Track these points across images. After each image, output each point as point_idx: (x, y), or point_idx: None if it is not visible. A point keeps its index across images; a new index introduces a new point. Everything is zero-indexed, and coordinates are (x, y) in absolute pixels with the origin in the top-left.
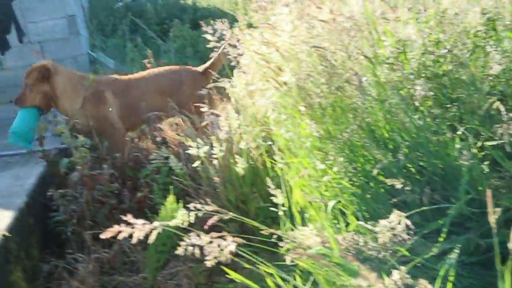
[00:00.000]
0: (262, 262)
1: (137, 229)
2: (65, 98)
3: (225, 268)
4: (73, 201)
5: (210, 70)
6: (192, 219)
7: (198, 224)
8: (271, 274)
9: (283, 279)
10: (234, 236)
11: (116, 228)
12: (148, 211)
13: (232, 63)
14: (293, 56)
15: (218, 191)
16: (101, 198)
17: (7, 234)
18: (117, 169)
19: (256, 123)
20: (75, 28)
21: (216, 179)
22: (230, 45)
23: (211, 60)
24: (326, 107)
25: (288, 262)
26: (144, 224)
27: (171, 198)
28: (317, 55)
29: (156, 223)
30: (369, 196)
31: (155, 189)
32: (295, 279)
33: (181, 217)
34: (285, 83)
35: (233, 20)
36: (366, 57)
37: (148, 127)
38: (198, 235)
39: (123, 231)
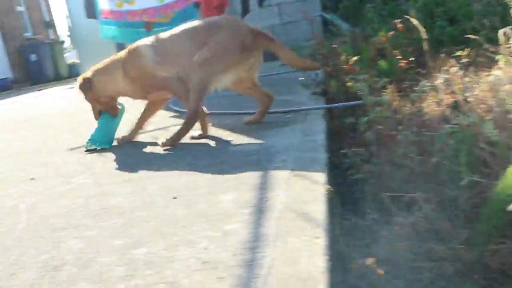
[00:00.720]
0: None
1: None
2: (108, 86)
3: None
4: (367, 161)
5: (262, 39)
6: None
7: None
8: None
9: None
10: None
11: None
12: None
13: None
14: None
15: None
16: (397, 160)
17: (330, 187)
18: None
19: None
20: None
21: None
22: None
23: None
24: None
25: None
26: None
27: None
28: None
29: None
30: None
31: (461, 156)
32: None
33: None
34: None
35: None
36: None
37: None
38: None
39: None
